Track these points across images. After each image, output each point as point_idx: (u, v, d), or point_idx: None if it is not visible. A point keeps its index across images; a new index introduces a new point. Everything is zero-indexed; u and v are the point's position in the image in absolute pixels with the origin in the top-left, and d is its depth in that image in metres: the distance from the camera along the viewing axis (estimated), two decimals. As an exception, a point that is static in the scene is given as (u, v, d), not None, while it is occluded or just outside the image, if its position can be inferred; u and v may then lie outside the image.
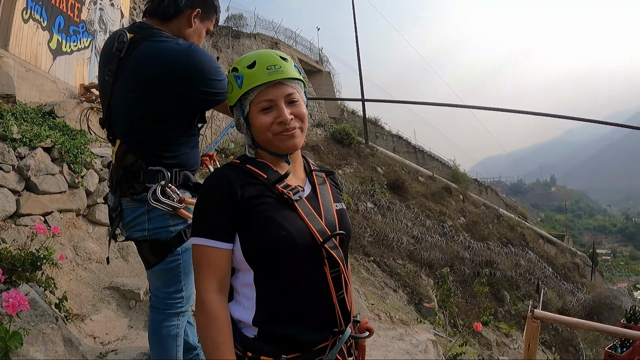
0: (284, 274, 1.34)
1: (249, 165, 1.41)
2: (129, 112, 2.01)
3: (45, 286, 3.11)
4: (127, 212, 2.09)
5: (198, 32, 2.16)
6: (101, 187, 4.86)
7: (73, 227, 4.37)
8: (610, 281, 39.05)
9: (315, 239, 1.35)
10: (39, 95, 7.25)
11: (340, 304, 1.39)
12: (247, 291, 1.36)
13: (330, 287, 1.37)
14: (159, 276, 2.15)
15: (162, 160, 2.03)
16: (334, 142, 22.09)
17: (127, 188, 2.05)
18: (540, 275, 18.79)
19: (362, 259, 11.23)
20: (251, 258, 1.34)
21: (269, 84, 1.36)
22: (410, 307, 10.04)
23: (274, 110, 1.38)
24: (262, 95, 1.37)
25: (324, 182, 1.57)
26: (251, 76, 1.36)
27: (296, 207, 1.37)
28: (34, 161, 4.11)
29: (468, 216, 21.88)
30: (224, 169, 1.41)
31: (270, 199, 1.35)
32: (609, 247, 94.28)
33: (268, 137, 1.39)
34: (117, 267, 4.29)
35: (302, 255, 1.34)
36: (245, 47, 24.10)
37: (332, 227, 1.41)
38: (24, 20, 7.31)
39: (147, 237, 2.07)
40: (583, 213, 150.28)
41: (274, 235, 1.31)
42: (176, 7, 2.05)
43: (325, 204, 1.47)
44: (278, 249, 1.31)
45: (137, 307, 3.72)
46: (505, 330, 12.24)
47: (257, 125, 1.39)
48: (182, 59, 1.91)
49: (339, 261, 1.38)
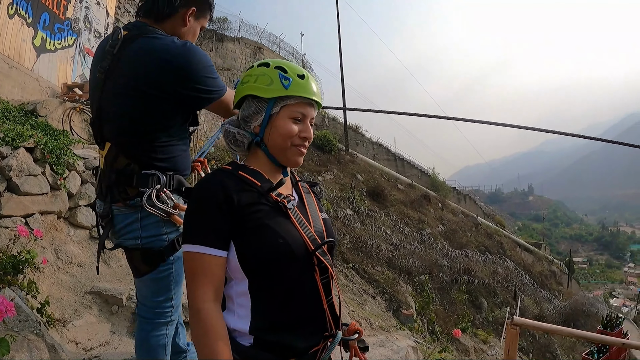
0: (279, 281, 1.34)
1: (241, 172, 1.41)
2: (122, 110, 1.96)
3: (27, 290, 3.08)
4: (119, 219, 2.03)
5: (193, 31, 2.15)
6: (83, 189, 4.80)
7: (54, 230, 4.32)
8: (586, 289, 39.79)
9: (307, 247, 1.37)
10: (21, 93, 7.16)
11: (330, 308, 1.42)
12: (242, 300, 1.35)
13: (320, 292, 1.39)
14: (148, 285, 2.10)
15: (155, 163, 1.98)
16: (315, 148, 22.08)
17: (119, 193, 1.99)
18: (518, 283, 19.02)
19: (341, 266, 11.24)
20: (247, 266, 1.33)
21: (309, 101, 1.44)
22: (388, 313, 10.06)
23: (300, 124, 1.44)
24: (300, 107, 1.43)
25: (309, 192, 1.61)
26: (301, 85, 1.42)
27: (289, 215, 1.39)
28: (16, 161, 4.04)
29: (447, 224, 22.05)
30: (217, 174, 1.40)
31: (265, 206, 1.36)
32: (585, 256, 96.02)
33: (286, 145, 1.43)
34: (99, 271, 4.25)
35: (296, 262, 1.35)
36: (229, 50, 24.04)
37: (320, 235, 1.44)
38: (9, 16, 7.23)
39: (140, 246, 2.01)
40: (560, 222, 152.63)
41: (271, 244, 1.31)
42: (171, 7, 2.03)
43: (312, 213, 1.50)
44: (275, 257, 1.32)
45: (120, 312, 3.69)
46: (482, 337, 12.33)
47: (284, 129, 1.42)
48: (178, 56, 1.90)
49: (329, 267, 1.41)
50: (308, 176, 16.97)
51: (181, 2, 2.04)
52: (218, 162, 10.07)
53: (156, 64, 1.89)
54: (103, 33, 10.91)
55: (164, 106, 1.95)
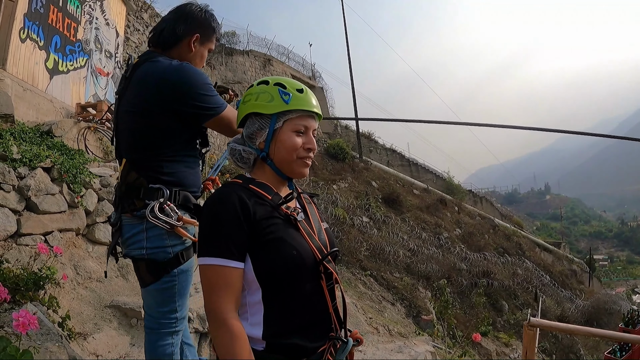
0: (291, 290, 1.40)
1: (251, 186, 1.46)
2: (129, 127, 2.13)
3: (48, 305, 3.14)
4: (126, 229, 2.14)
5: (200, 55, 2.26)
6: (100, 206, 4.89)
7: (73, 247, 4.40)
8: (608, 286, 39.06)
9: (315, 257, 1.44)
10: (36, 115, 7.30)
11: (335, 312, 1.50)
12: (256, 309, 1.40)
13: (327, 297, 1.46)
14: (153, 295, 2.16)
15: (160, 177, 2.09)
16: (328, 157, 22.14)
17: (127, 205, 2.11)
18: (538, 284, 18.75)
19: (359, 273, 11.24)
20: (263, 277, 1.38)
21: (310, 114, 1.51)
22: (408, 320, 10.04)
23: (303, 136, 1.50)
24: (302, 120, 1.49)
25: (310, 203, 1.68)
26: (301, 99, 1.48)
27: (299, 227, 1.45)
28: (34, 181, 4.15)
29: (464, 227, 21.86)
30: (233, 187, 1.44)
31: (278, 220, 1.42)
32: (605, 253, 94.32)
33: (292, 158, 1.49)
34: (118, 285, 4.32)
35: (307, 271, 1.42)
36: (239, 64, 24.26)
37: (324, 244, 1.52)
38: (21, 40, 7.40)
39: (145, 256, 2.09)
40: (578, 220, 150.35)
41: (286, 256, 1.37)
42: (175, 37, 2.18)
43: (315, 223, 1.57)
44: (289, 268, 1.38)
45: (139, 325, 3.73)
46: (505, 340, 12.20)
47: (289, 143, 1.47)
48: (172, 74, 2.03)
49: (335, 274, 1.48)
50: (323, 185, 17.01)
51: (185, 31, 2.18)
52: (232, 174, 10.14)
53: (155, 83, 2.05)
54: (114, 53, 11.10)
55: (166, 122, 2.07)
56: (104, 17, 10.53)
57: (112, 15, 11.01)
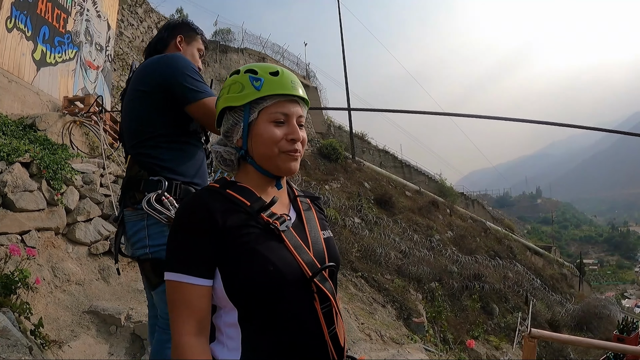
0: (271, 312, 1.19)
1: (229, 191, 1.26)
2: (129, 115, 2.22)
3: (19, 311, 2.95)
4: (129, 226, 2.11)
5: (189, 54, 2.38)
6: (81, 204, 4.69)
7: (52, 247, 4.20)
8: (598, 290, 39.42)
9: (304, 273, 1.22)
10: (21, 107, 7.07)
11: (332, 339, 1.26)
12: (231, 331, 1.21)
13: (321, 322, 1.23)
14: (162, 297, 2.06)
15: (162, 167, 2.08)
16: (321, 157, 22.00)
17: (129, 198, 2.11)
18: (529, 287, 18.81)
19: (350, 275, 11.12)
20: (235, 296, 1.19)
21: (289, 98, 1.29)
22: (399, 322, 9.92)
23: (285, 126, 1.28)
24: (279, 107, 1.28)
25: (309, 208, 1.45)
26: (275, 83, 1.27)
27: (283, 238, 1.23)
28: (11, 177, 3.95)
29: (455, 230, 21.86)
30: (201, 194, 1.27)
31: (254, 229, 1.21)
32: (595, 257, 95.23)
33: (273, 152, 1.27)
34: (98, 289, 4.12)
35: (291, 290, 1.20)
36: (233, 61, 24.08)
37: (320, 258, 1.29)
38: (7, 29, 7.15)
39: (149, 255, 2.03)
40: (569, 224, 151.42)
41: (259, 271, 1.16)
42: (163, 42, 2.38)
43: (312, 233, 1.35)
44: (265, 285, 1.17)
45: (118, 332, 3.55)
46: (495, 343, 12.17)
47: (266, 135, 1.26)
48: (163, 58, 2.17)
49: (329, 295, 1.25)
50: (315, 185, 16.89)
51: (169, 35, 2.38)
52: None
53: (147, 70, 2.17)
54: (104, 46, 10.86)
55: (155, 102, 2.11)
56: (95, 9, 10.27)
57: (104, 8, 10.76)
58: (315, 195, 1.53)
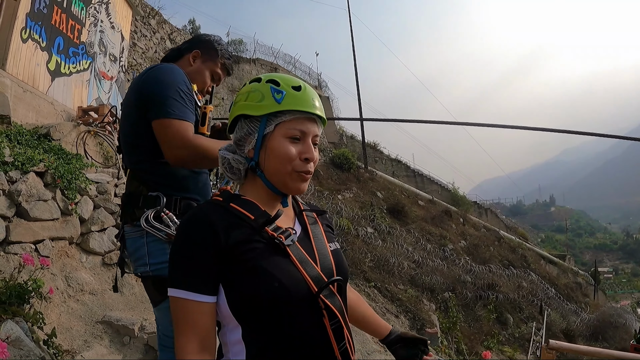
0: (278, 329, 1.15)
1: (233, 204, 1.23)
2: (122, 129, 2.11)
3: (32, 321, 2.93)
4: (129, 242, 2.05)
5: (199, 72, 2.23)
6: (95, 214, 4.69)
7: (65, 256, 4.20)
8: (613, 299, 38.82)
9: (310, 289, 1.18)
10: (35, 117, 7.14)
11: (343, 355, 1.21)
12: (236, 349, 1.17)
13: (331, 340, 1.19)
14: (165, 314, 1.99)
15: (160, 183, 2.00)
16: (333, 167, 21.99)
17: (128, 214, 2.04)
18: (543, 297, 18.56)
19: (363, 285, 11.04)
20: (239, 313, 1.16)
21: (308, 115, 1.25)
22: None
23: (300, 144, 1.24)
24: (297, 124, 1.24)
25: (316, 222, 1.40)
26: (296, 98, 1.24)
27: (289, 252, 1.19)
28: (25, 186, 3.96)
29: (469, 239, 21.68)
30: (204, 208, 1.24)
31: (259, 244, 1.18)
32: (610, 265, 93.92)
33: (286, 170, 1.23)
34: (111, 299, 4.10)
35: (298, 307, 1.16)
36: (245, 72, 24.26)
37: (328, 272, 1.24)
38: (22, 40, 7.25)
39: (150, 273, 1.97)
40: (583, 232, 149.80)
41: (264, 287, 1.13)
42: (178, 51, 2.27)
43: (319, 247, 1.30)
44: (270, 302, 1.14)
45: (132, 343, 3.52)
46: (509, 354, 11.99)
47: (281, 151, 1.22)
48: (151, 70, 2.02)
49: (336, 312, 1.20)
50: (327, 195, 16.85)
51: (187, 47, 2.27)
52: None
53: (136, 80, 2.06)
54: (118, 57, 10.97)
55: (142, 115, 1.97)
56: (109, 20, 10.40)
57: (118, 19, 10.89)
58: (322, 210, 1.50)
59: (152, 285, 2.00)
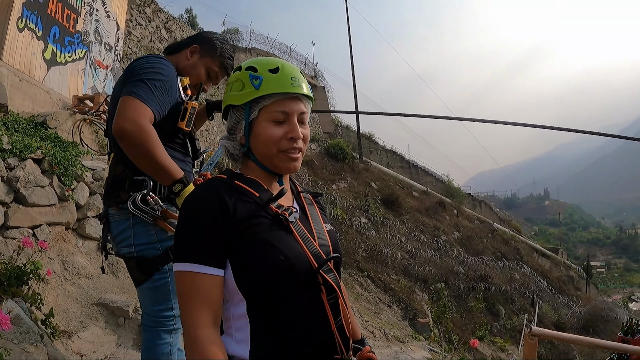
0: (281, 303, 1.20)
1: (237, 182, 1.27)
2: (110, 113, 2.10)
3: (31, 302, 3.02)
4: (114, 225, 2.09)
5: (195, 67, 2.27)
6: (91, 200, 4.76)
7: (62, 241, 4.28)
8: (605, 293, 39.12)
9: (311, 264, 1.22)
10: (32, 106, 7.18)
11: (339, 330, 1.27)
12: (240, 323, 1.21)
13: (328, 314, 1.24)
14: (147, 294, 2.09)
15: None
16: (328, 157, 22.03)
17: (113, 197, 2.07)
18: (535, 289, 18.72)
19: (356, 275, 11.15)
20: (245, 286, 1.19)
21: (289, 96, 1.28)
22: (404, 322, 9.94)
23: (285, 125, 1.28)
24: (279, 106, 1.27)
25: (312, 203, 1.47)
26: (273, 81, 1.26)
27: (292, 228, 1.24)
28: (23, 172, 4.02)
29: (462, 231, 21.81)
30: (212, 183, 1.26)
31: (264, 219, 1.22)
32: (603, 260, 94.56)
33: (272, 152, 1.28)
34: (106, 282, 4.19)
35: (300, 281, 1.21)
36: (241, 61, 23.75)
37: (325, 250, 1.31)
38: (18, 30, 7.27)
39: (134, 254, 2.03)
40: (577, 226, 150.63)
41: (272, 261, 1.17)
42: (178, 45, 2.33)
43: (316, 226, 1.36)
44: (277, 276, 1.18)
45: (126, 324, 3.62)
46: (500, 345, 12.14)
47: (265, 135, 1.27)
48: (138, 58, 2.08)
49: (335, 286, 1.26)
50: (322, 185, 16.92)
51: (187, 41, 2.33)
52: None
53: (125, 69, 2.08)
54: (114, 46, 10.97)
55: None
56: (104, 9, 10.38)
57: (113, 8, 10.87)
58: (317, 192, 1.56)
59: (135, 266, 2.05)
